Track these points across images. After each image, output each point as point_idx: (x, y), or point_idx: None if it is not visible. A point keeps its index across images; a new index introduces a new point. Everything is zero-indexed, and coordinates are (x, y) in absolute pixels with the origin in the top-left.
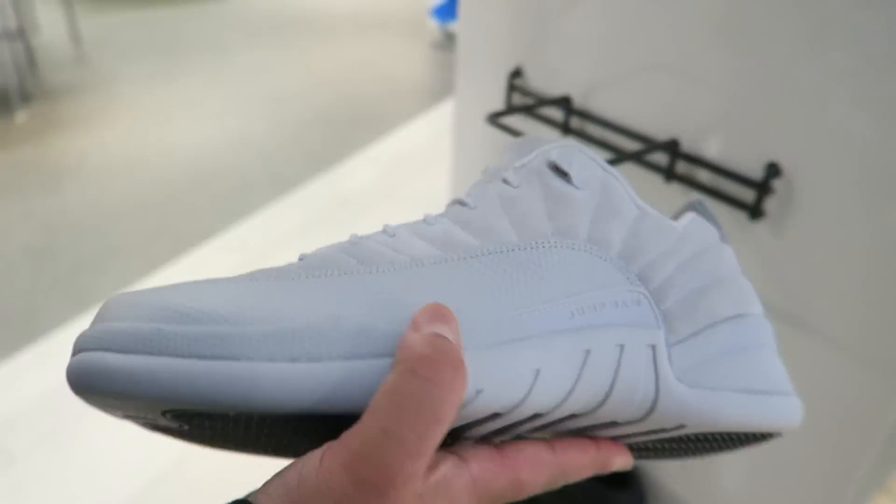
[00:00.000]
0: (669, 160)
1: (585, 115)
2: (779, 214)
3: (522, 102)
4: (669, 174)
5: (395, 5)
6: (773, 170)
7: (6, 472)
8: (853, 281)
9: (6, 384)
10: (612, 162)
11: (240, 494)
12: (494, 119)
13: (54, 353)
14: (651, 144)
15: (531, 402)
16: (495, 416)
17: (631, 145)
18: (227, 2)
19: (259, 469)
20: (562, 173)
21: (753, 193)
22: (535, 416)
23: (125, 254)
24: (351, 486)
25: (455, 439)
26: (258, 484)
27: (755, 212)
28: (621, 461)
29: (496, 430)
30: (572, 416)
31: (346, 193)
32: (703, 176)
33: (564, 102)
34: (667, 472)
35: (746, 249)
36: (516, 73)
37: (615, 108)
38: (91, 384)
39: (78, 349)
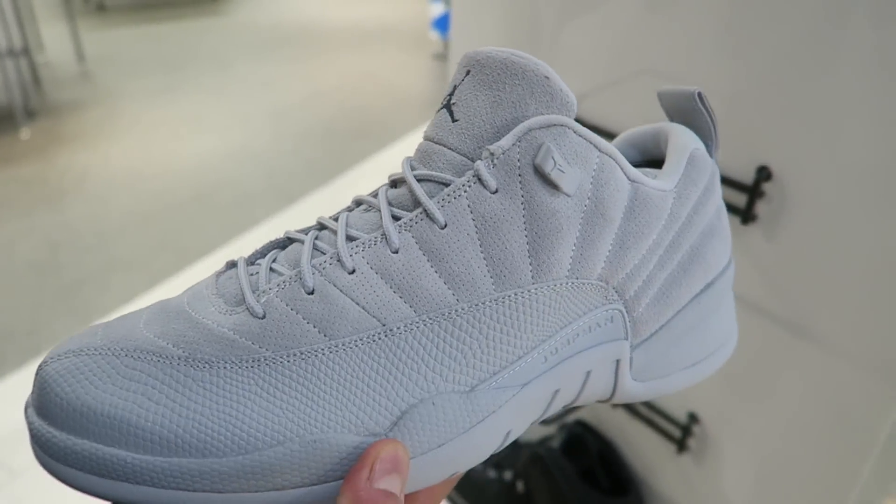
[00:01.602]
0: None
1: (577, 122)
2: (771, 218)
3: None
4: None
5: (397, 18)
6: (763, 173)
7: (7, 487)
8: (848, 284)
9: (8, 399)
10: None
11: None
12: None
13: None
14: None
15: (497, 452)
16: None
17: None
18: (230, 17)
19: None
20: (549, 181)
21: (745, 197)
22: None
23: (128, 268)
24: None
25: None
26: None
27: (747, 216)
28: None
29: None
30: None
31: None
32: None
33: None
34: (666, 481)
35: (739, 254)
36: None
37: (606, 115)
38: (70, 485)
39: (40, 448)
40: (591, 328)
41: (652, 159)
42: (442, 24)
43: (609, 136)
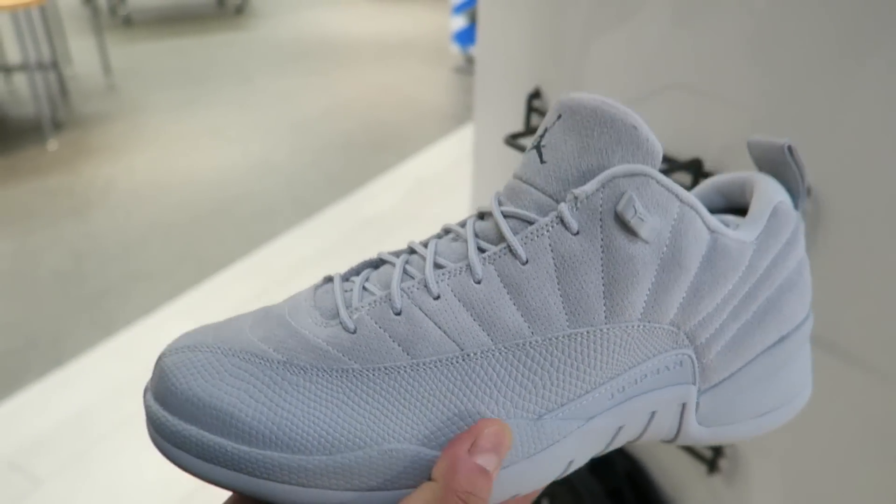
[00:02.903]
0: (692, 180)
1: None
2: (808, 235)
3: None
4: None
5: (418, 31)
6: None
7: (32, 495)
8: (887, 302)
9: (33, 408)
10: None
11: None
12: (513, 140)
13: (80, 377)
14: (673, 164)
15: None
16: None
17: None
18: (252, 31)
19: None
20: (629, 228)
21: None
22: None
23: (151, 278)
24: None
25: None
26: None
27: None
28: None
29: None
30: None
31: (368, 217)
32: None
33: None
34: (696, 503)
35: None
36: (535, 95)
37: None
38: (175, 464)
39: (154, 430)
40: (659, 370)
41: (737, 207)
42: (463, 37)
43: None
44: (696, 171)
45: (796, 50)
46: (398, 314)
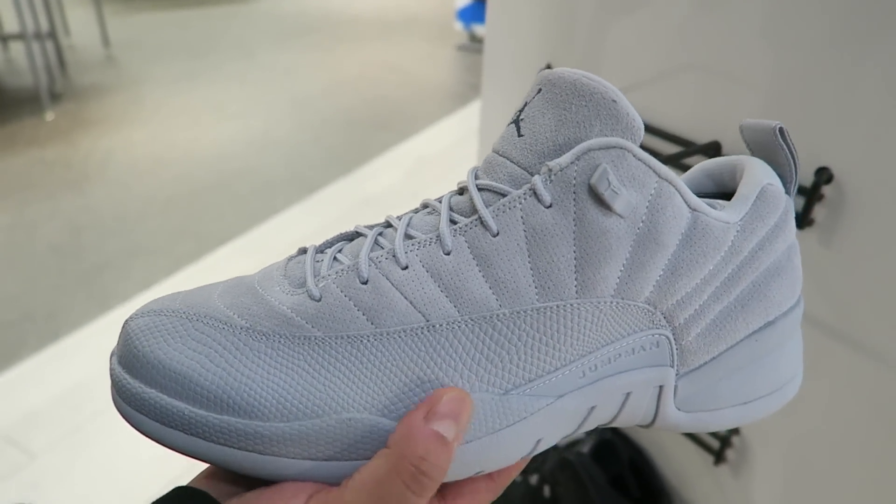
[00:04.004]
0: None
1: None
2: (828, 222)
3: None
4: None
5: (421, 8)
6: (823, 175)
7: (26, 469)
8: None
9: (28, 382)
10: None
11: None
12: None
13: (77, 351)
14: (691, 147)
15: (527, 459)
16: None
17: (670, 148)
18: (254, 4)
19: None
20: (603, 202)
21: (802, 200)
22: None
23: (148, 253)
24: None
25: None
26: None
27: (803, 220)
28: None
29: None
30: None
31: (369, 195)
32: None
33: None
34: (701, 493)
35: None
36: None
37: (652, 110)
38: (135, 427)
39: (117, 392)
40: (634, 350)
41: (727, 192)
42: (467, 14)
43: (652, 130)
44: (714, 154)
45: (816, 31)
46: (364, 283)
